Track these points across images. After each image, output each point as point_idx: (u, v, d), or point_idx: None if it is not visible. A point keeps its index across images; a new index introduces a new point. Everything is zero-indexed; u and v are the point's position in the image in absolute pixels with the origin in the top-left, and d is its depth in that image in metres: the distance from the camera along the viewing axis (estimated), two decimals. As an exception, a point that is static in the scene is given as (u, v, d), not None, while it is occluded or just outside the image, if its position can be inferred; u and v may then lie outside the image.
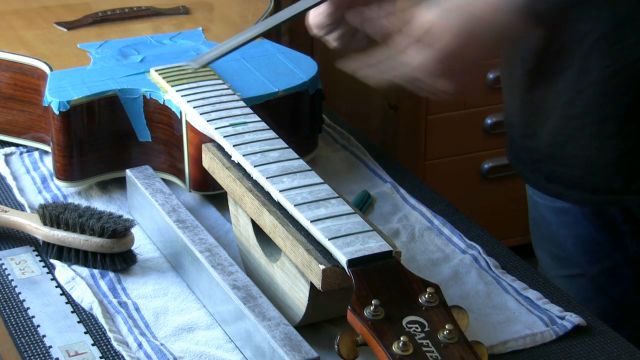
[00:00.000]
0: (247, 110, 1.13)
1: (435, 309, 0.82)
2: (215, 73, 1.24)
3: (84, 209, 1.10)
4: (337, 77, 2.34)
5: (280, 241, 0.96)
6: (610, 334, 1.01)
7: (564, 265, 1.27)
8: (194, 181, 1.20)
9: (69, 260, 1.09)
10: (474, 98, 0.99)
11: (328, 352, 0.95)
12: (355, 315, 0.81)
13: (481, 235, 1.17)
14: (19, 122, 1.31)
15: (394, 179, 1.28)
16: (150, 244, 1.15)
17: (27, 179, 1.27)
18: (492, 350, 0.98)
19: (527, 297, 1.06)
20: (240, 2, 1.53)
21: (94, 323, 1.01)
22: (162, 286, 1.07)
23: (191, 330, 1.00)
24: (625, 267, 1.22)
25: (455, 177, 2.32)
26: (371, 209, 1.22)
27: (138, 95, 1.21)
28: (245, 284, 0.98)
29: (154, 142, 1.23)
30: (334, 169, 1.31)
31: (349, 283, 0.88)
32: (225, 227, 1.17)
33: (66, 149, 1.21)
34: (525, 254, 1.25)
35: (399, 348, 0.77)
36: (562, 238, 1.25)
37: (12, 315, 1.02)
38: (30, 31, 1.38)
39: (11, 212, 1.14)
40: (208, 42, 1.36)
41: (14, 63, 1.29)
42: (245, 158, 1.03)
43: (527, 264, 1.12)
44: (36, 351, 0.97)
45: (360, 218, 0.94)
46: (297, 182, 0.99)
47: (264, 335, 0.91)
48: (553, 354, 0.99)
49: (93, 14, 1.43)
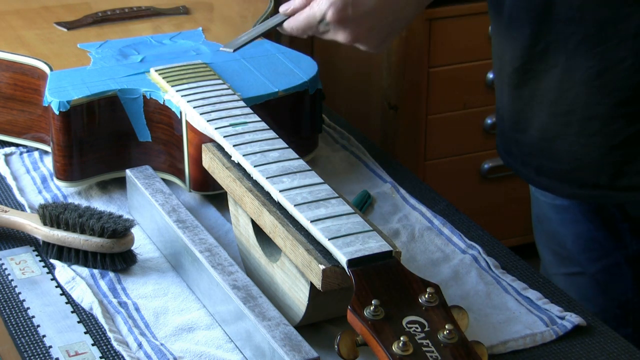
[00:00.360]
0: (247, 110, 1.13)
1: (435, 309, 0.82)
2: (215, 73, 1.24)
3: (84, 209, 1.10)
4: (337, 77, 2.34)
5: (280, 241, 0.96)
6: (610, 334, 1.01)
7: (565, 263, 1.27)
8: (194, 181, 1.20)
9: (69, 260, 1.09)
10: (374, 51, 1.03)
11: (328, 352, 0.95)
12: (355, 315, 0.81)
13: (481, 235, 1.17)
14: (19, 122, 1.31)
15: (394, 179, 1.28)
16: (150, 244, 1.15)
17: (27, 179, 1.27)
18: (492, 350, 0.98)
19: (527, 297, 1.06)
20: (240, 2, 1.53)
21: (94, 323, 1.01)
22: (162, 286, 1.07)
23: (191, 330, 1.00)
24: (625, 265, 1.22)
25: (455, 177, 2.32)
26: (371, 209, 1.22)
27: (138, 95, 1.21)
28: (245, 284, 0.98)
29: (154, 142, 1.23)
30: (334, 169, 1.31)
31: (349, 283, 0.88)
32: (225, 227, 1.17)
33: (66, 149, 1.21)
34: (525, 254, 1.25)
35: (399, 348, 0.77)
36: (562, 236, 1.25)
37: (12, 315, 1.02)
38: (30, 31, 1.38)
39: (11, 212, 1.14)
40: (208, 42, 1.36)
41: (14, 63, 1.29)
42: (245, 158, 1.03)
43: (527, 264, 1.12)
44: (36, 351, 0.97)
45: (360, 218, 0.94)
46: (297, 182, 0.99)
47: (264, 335, 0.91)
48: (553, 354, 0.99)
49: (93, 14, 1.43)
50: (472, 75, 2.24)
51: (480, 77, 2.24)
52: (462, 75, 2.22)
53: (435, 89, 2.22)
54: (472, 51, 2.21)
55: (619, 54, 1.05)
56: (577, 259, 1.25)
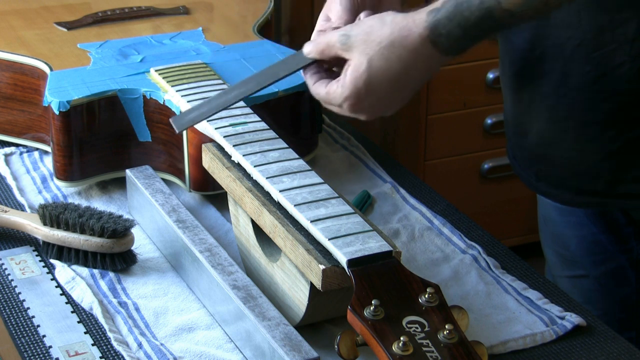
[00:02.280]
0: (247, 110, 1.13)
1: (435, 309, 0.82)
2: (215, 73, 1.24)
3: (84, 209, 1.10)
4: (337, 77, 2.34)
5: (280, 241, 0.96)
6: (610, 334, 1.01)
7: (569, 266, 1.27)
8: (194, 181, 1.20)
9: (69, 260, 1.09)
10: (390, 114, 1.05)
11: (328, 352, 0.95)
12: (355, 315, 0.81)
13: (481, 235, 1.17)
14: (19, 122, 1.31)
15: (394, 179, 1.28)
16: (150, 244, 1.15)
17: (27, 179, 1.27)
18: (492, 350, 0.98)
19: (527, 297, 1.06)
20: (240, 2, 1.53)
21: (94, 323, 1.01)
22: (162, 286, 1.07)
23: (191, 330, 1.00)
24: (629, 269, 1.22)
25: (455, 177, 2.31)
26: (371, 209, 1.22)
27: (138, 95, 1.21)
28: (245, 284, 0.98)
29: (154, 142, 1.23)
30: (334, 169, 1.31)
31: (349, 283, 0.88)
32: (225, 227, 1.17)
33: (66, 149, 1.21)
34: (525, 254, 1.25)
35: (399, 348, 0.77)
36: (567, 238, 1.26)
37: (12, 315, 1.02)
38: (30, 31, 1.38)
39: (11, 212, 1.14)
40: (208, 42, 1.36)
41: (14, 63, 1.29)
42: (245, 158, 1.03)
43: (527, 264, 1.12)
44: (36, 351, 0.97)
45: (360, 218, 0.94)
46: (297, 182, 0.99)
47: (264, 335, 0.91)
48: (553, 354, 0.99)
49: (93, 14, 1.43)
50: (472, 75, 2.24)
51: (480, 77, 2.24)
52: (462, 75, 2.22)
53: (435, 89, 2.22)
54: (472, 51, 2.19)
55: (616, 59, 1.05)
56: (581, 261, 1.25)
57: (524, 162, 1.19)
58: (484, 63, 2.21)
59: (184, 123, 1.07)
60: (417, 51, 0.97)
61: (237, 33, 1.41)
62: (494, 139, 2.29)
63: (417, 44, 0.97)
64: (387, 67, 0.97)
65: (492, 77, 2.22)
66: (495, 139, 2.29)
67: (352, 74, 0.98)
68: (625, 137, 1.09)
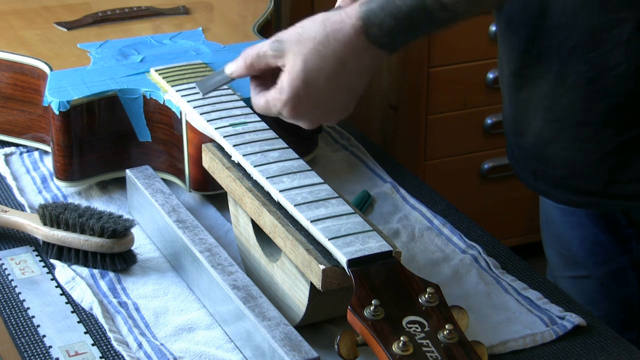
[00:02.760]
0: (247, 110, 1.13)
1: (435, 309, 0.82)
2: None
3: (84, 209, 1.10)
4: (337, 77, 2.34)
5: (280, 241, 0.96)
6: (610, 333, 1.01)
7: (571, 266, 1.27)
8: (194, 181, 1.20)
9: (69, 260, 1.09)
10: (334, 123, 1.04)
11: (328, 352, 0.95)
12: (355, 315, 0.81)
13: (481, 235, 1.17)
14: (19, 122, 1.31)
15: (394, 179, 1.28)
16: (150, 244, 1.15)
17: (27, 179, 1.27)
18: (492, 350, 0.98)
19: (527, 297, 1.06)
20: (240, 2, 1.53)
21: (94, 323, 1.01)
22: (162, 286, 1.07)
23: (191, 330, 1.00)
24: (630, 270, 1.23)
25: (455, 177, 2.31)
26: (371, 209, 1.22)
27: (138, 95, 1.21)
28: (245, 284, 0.98)
29: (154, 142, 1.23)
30: (334, 169, 1.31)
31: (349, 283, 0.88)
32: (225, 227, 1.17)
33: (66, 149, 1.21)
34: (525, 254, 1.25)
35: (399, 348, 0.77)
36: (568, 239, 1.26)
37: (12, 315, 1.02)
38: (30, 31, 1.38)
39: (11, 212, 1.14)
40: (208, 42, 1.36)
41: (14, 63, 1.29)
42: (245, 158, 1.03)
43: (527, 264, 1.12)
44: (36, 351, 0.97)
45: (360, 218, 0.94)
46: (297, 182, 0.99)
47: (264, 335, 0.91)
48: (553, 354, 0.99)
49: (93, 14, 1.43)
50: (472, 75, 2.24)
51: (480, 77, 2.24)
52: (462, 75, 2.22)
53: (435, 89, 2.22)
54: (472, 51, 2.21)
55: (612, 60, 1.05)
56: (582, 262, 1.25)
57: (522, 162, 1.20)
58: (484, 63, 2.21)
59: (208, 86, 1.08)
60: (351, 43, 0.95)
61: (237, 33, 1.41)
62: (494, 139, 2.29)
63: (351, 35, 0.95)
64: (322, 64, 0.96)
65: (492, 77, 2.22)
66: (495, 139, 2.29)
67: (288, 76, 0.96)
68: (622, 137, 1.09)
